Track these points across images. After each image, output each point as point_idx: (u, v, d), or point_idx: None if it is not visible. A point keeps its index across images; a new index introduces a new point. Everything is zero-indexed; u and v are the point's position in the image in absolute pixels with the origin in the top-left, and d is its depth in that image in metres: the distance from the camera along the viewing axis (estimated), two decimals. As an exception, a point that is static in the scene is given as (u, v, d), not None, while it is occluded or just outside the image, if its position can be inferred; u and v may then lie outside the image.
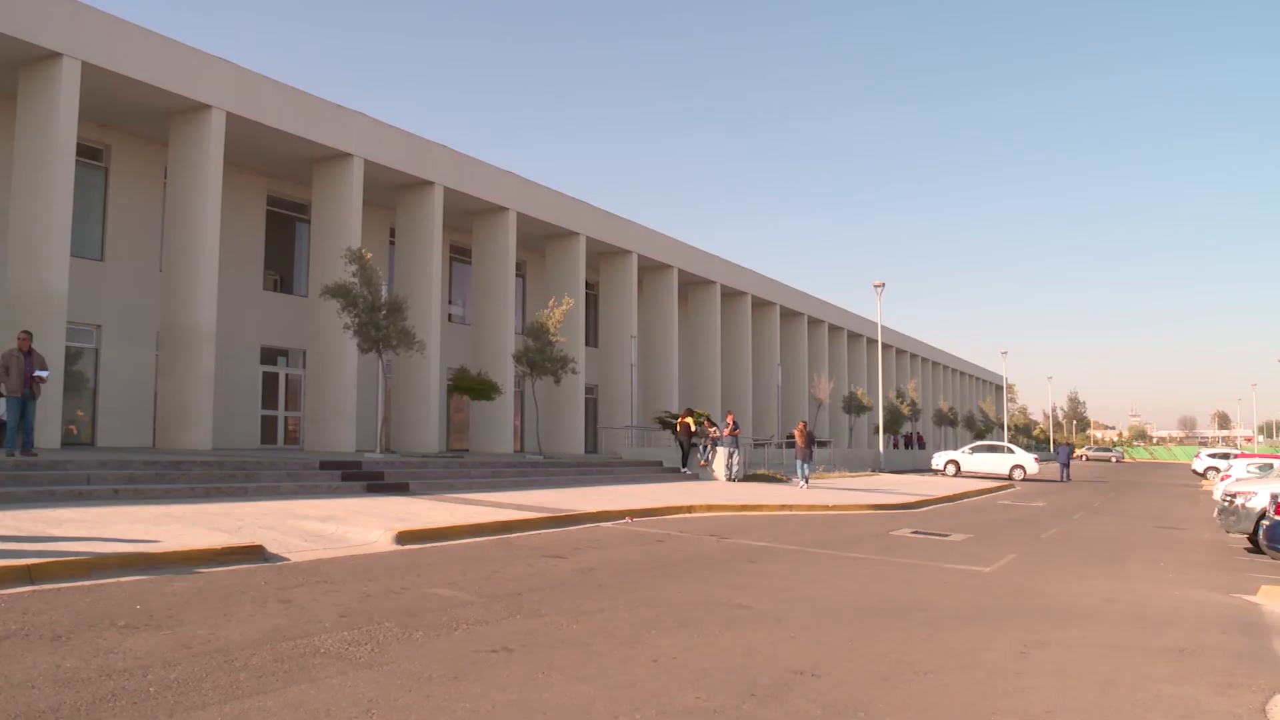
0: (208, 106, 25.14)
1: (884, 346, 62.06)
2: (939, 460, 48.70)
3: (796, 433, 32.23)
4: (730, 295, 52.32)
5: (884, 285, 52.79)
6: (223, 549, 11.18)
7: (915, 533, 18.63)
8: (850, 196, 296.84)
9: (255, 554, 11.38)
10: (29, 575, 9.22)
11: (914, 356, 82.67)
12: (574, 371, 32.61)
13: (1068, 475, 51.01)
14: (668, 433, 37.86)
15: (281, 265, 32.47)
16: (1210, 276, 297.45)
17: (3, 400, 21.11)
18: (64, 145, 22.17)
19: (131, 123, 26.38)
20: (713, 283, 49.81)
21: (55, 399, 21.45)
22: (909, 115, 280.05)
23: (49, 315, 21.66)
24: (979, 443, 54.91)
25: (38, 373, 17.93)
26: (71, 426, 24.55)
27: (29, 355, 17.99)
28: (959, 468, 47.30)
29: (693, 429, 33.07)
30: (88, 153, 25.54)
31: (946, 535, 18.33)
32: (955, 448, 60.33)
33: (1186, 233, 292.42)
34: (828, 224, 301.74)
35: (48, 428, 21.09)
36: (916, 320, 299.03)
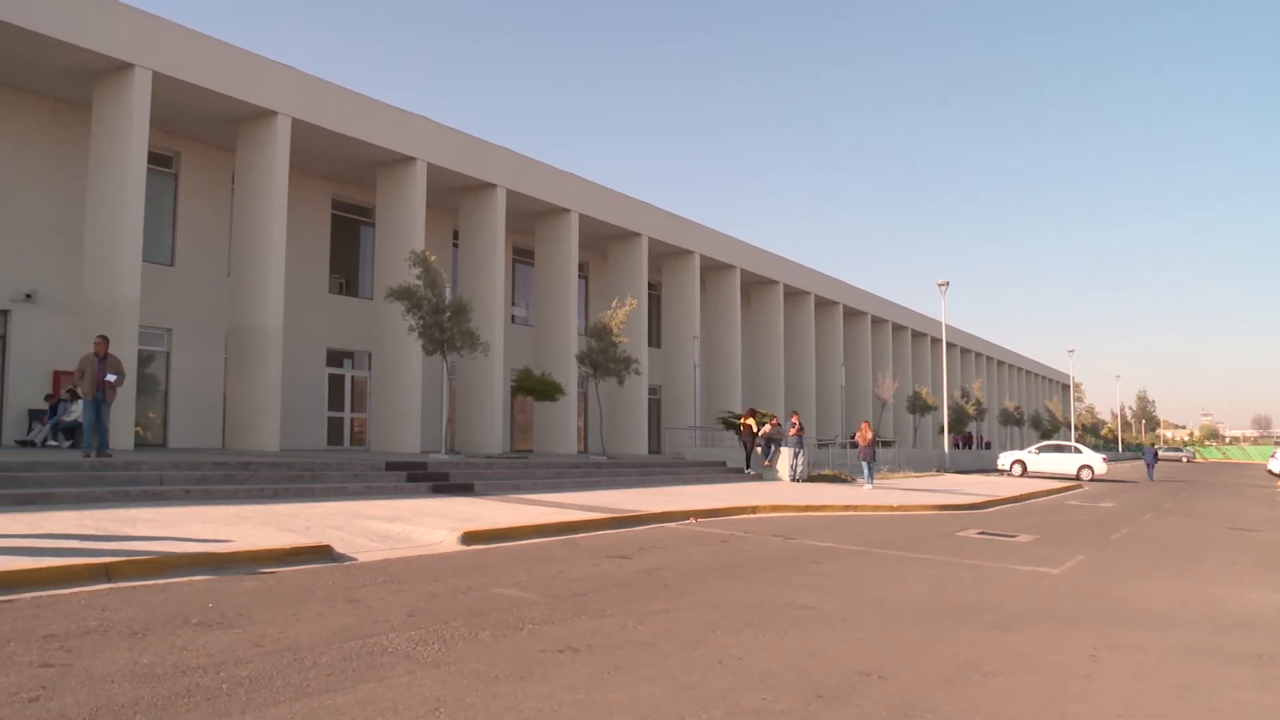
0: (273, 113, 25.49)
1: (948, 345, 61.49)
2: (1005, 460, 48.11)
3: (860, 433, 32.01)
4: (793, 295, 52.10)
5: (948, 284, 52.34)
6: (291, 549, 11.30)
7: (981, 534, 18.41)
8: (914, 195, 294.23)
9: (323, 554, 11.49)
10: (107, 573, 9.41)
11: (979, 355, 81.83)
12: (637, 372, 32.64)
13: (1153, 475, 50.35)
14: (731, 433, 37.76)
15: (346, 268, 32.83)
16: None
17: (80, 402, 21.63)
18: (136, 153, 22.60)
19: (200, 130, 26.81)
20: (775, 282, 49.63)
21: (128, 401, 21.85)
22: (974, 112, 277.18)
23: (122, 320, 22.07)
24: (1046, 442, 54.19)
25: (108, 376, 18.27)
26: (140, 428, 24.94)
27: (104, 359, 18.35)
28: (1025, 468, 46.70)
29: (756, 429, 32.94)
30: (158, 160, 25.99)
31: (1013, 536, 18.09)
32: (1021, 448, 59.64)
33: (1260, 230, 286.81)
34: (891, 223, 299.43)
35: (121, 429, 21.50)
36: (981, 319, 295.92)
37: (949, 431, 56.55)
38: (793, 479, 31.30)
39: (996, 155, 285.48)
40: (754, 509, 20.74)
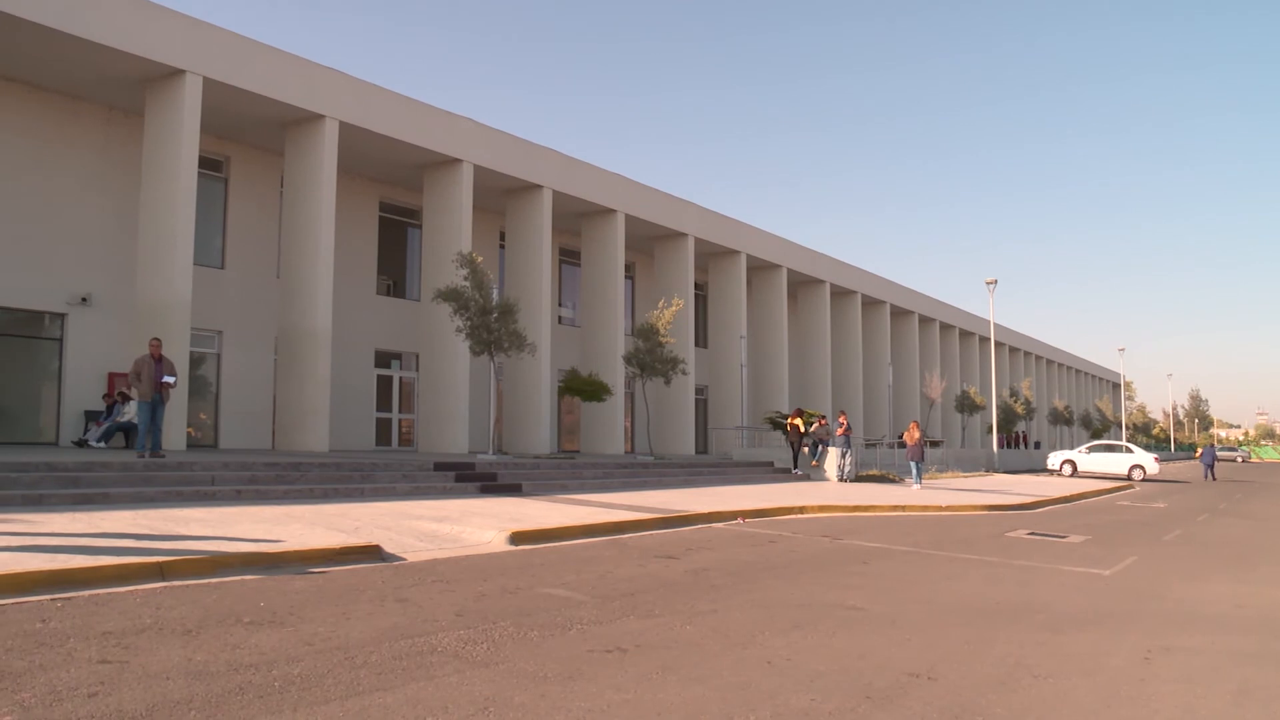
0: (321, 116, 25.73)
1: (996, 344, 61.04)
2: (1054, 460, 47.64)
3: (908, 433, 31.84)
4: (840, 294, 51.90)
5: (996, 282, 51.93)
6: (341, 549, 11.39)
7: (1031, 534, 18.24)
8: (960, 193, 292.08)
9: (373, 554, 11.58)
10: (161, 572, 9.54)
11: (1027, 354, 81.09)
12: (684, 372, 32.65)
13: (1213, 475, 49.75)
14: (778, 433, 37.66)
15: (394, 270, 33.06)
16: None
17: (133, 404, 21.93)
18: (187, 158, 22.89)
19: (249, 134, 27.11)
20: (822, 282, 49.46)
21: (180, 403, 22.13)
22: (1018, 109, 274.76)
23: (174, 322, 22.36)
24: (1096, 442, 53.63)
25: (165, 378, 18.53)
26: (191, 429, 25.22)
27: (159, 361, 18.61)
28: (1075, 468, 46.24)
29: (803, 429, 32.84)
30: (209, 164, 26.30)
31: (1064, 537, 17.92)
32: (1071, 447, 59.03)
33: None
34: (938, 221, 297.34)
35: (174, 430, 21.78)
36: (1030, 317, 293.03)
37: (998, 431, 56.08)
38: (840, 479, 31.18)
39: (1045, 152, 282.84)
40: (801, 509, 20.68)
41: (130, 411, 22.49)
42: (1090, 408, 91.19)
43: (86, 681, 5.91)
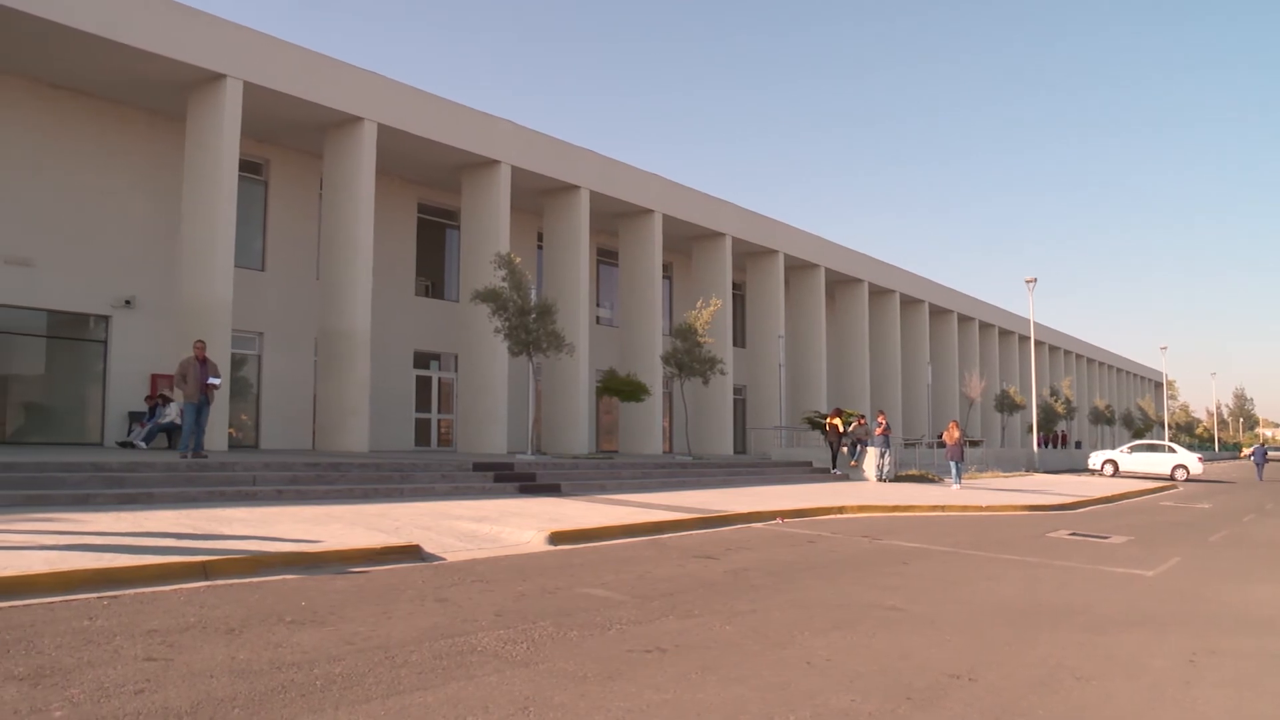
0: (360, 119, 25.89)
1: (1036, 343, 60.62)
2: (1096, 460, 47.25)
3: (948, 432, 31.68)
4: (878, 293, 51.69)
5: (1036, 281, 51.52)
6: (381, 548, 11.46)
7: (1072, 534, 18.09)
8: (999, 191, 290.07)
9: (412, 554, 11.63)
10: (204, 571, 9.64)
11: (1068, 353, 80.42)
12: (722, 372, 32.63)
13: (1262, 476, 49.23)
14: (817, 433, 37.56)
15: (432, 271, 33.21)
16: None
17: (174, 405, 22.18)
18: (228, 161, 23.12)
19: (289, 137, 27.32)
20: (860, 281, 49.28)
21: (222, 403, 22.33)
22: (1058, 107, 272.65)
23: (216, 324, 22.57)
24: (1138, 441, 53.14)
25: (211, 380, 18.73)
26: (233, 430, 25.43)
27: (204, 363, 18.81)
28: (1117, 468, 45.83)
29: (842, 429, 32.73)
30: (249, 167, 26.52)
31: (1106, 537, 17.75)
32: (1112, 447, 58.50)
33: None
34: (976, 220, 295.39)
35: (215, 431, 21.99)
36: (1070, 316, 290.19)
37: (1038, 431, 55.66)
38: (879, 479, 31.05)
39: (1086, 149, 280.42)
40: (841, 509, 20.62)
41: (172, 413, 22.75)
42: (1132, 407, 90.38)
43: (133, 679, 5.98)
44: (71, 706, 5.42)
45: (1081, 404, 77.87)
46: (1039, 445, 54.93)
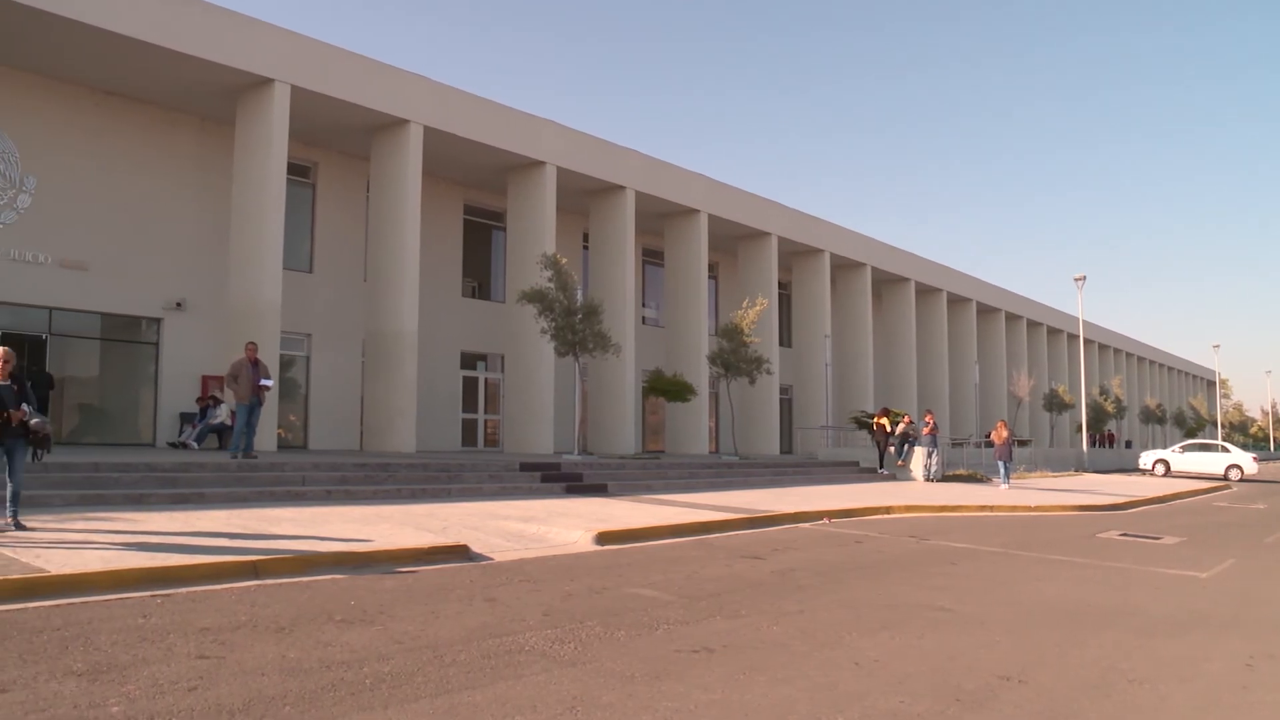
0: (406, 121, 26.05)
1: (1086, 341, 59.95)
2: (1147, 459, 46.66)
3: (996, 432, 31.44)
4: (925, 292, 51.35)
5: (1085, 278, 50.96)
6: (429, 548, 11.53)
7: (1123, 535, 17.89)
8: (1046, 189, 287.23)
9: (460, 553, 11.70)
10: (255, 570, 9.75)
11: (1118, 351, 79.51)
12: (768, 372, 32.56)
13: None
14: (863, 433, 37.38)
15: (479, 272, 33.36)
16: None
17: (224, 406, 22.44)
18: (276, 165, 23.36)
19: (336, 140, 27.54)
20: (907, 280, 49.00)
21: (271, 405, 22.53)
22: (1113, 104, 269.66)
23: (265, 326, 22.79)
24: (1190, 441, 52.43)
25: (263, 381, 18.92)
26: (281, 431, 25.65)
27: (256, 365, 19.01)
28: (1169, 467, 45.24)
29: (889, 429, 32.57)
30: (297, 170, 26.75)
31: (1158, 538, 17.54)
32: (1164, 446, 57.78)
33: None
34: (1024, 218, 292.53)
35: (265, 432, 22.20)
36: (1120, 314, 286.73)
37: (1087, 430, 55.05)
38: (927, 479, 30.86)
39: (1131, 148, 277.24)
40: (888, 509, 20.52)
41: (223, 414, 23.03)
42: (1183, 406, 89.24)
43: (186, 676, 6.07)
44: (128, 702, 5.50)
45: (1132, 403, 76.94)
46: (1089, 445, 54.37)
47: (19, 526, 11.05)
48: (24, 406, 11.00)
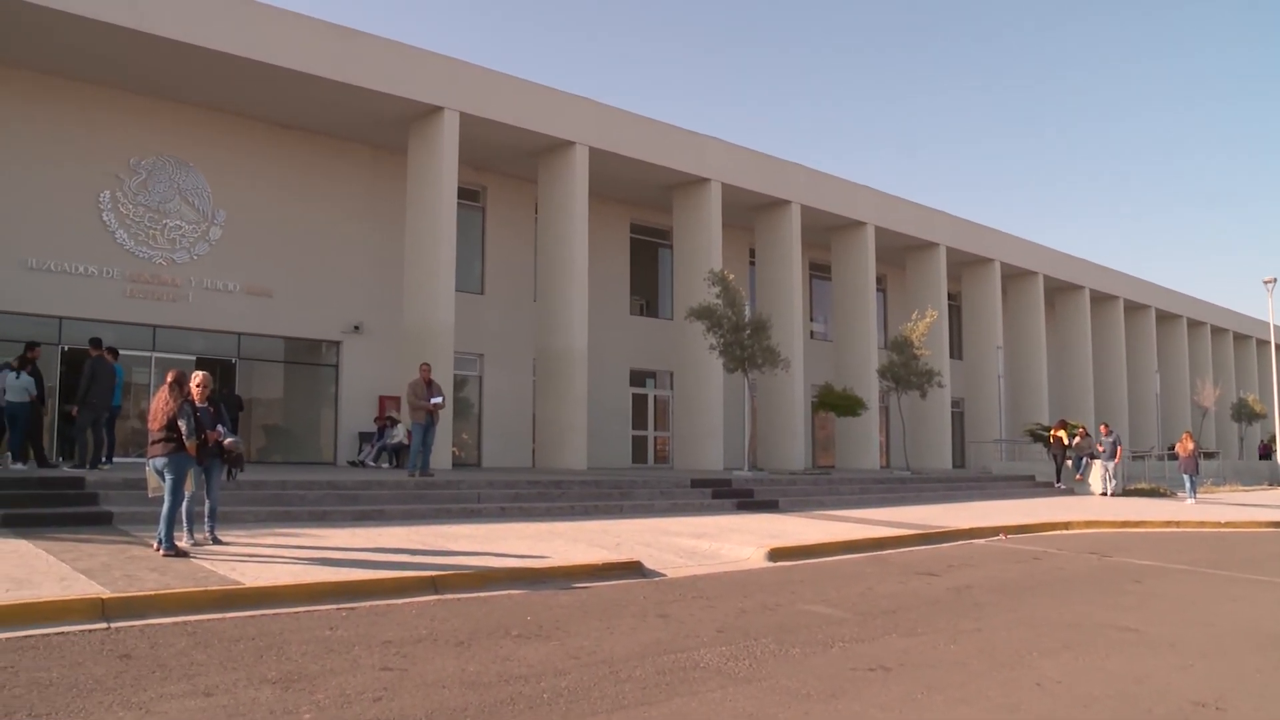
0: (572, 143, 26.45)
1: (1277, 347, 57.08)
2: (1351, 471, 44.18)
3: (1180, 444, 30.20)
4: (1100, 300, 49.62)
5: (1275, 281, 48.56)
6: (603, 565, 11.64)
7: (1329, 551, 16.96)
8: (1227, 189, 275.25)
9: (633, 570, 11.77)
10: (434, 585, 10.00)
11: (1315, 357, 75.38)
12: (940, 385, 31.97)
13: None
14: (1038, 446, 36.33)
15: (646, 290, 33.59)
16: None
17: (400, 426, 23.05)
18: (447, 190, 23.98)
19: (503, 164, 28.12)
20: (1081, 287, 47.46)
21: (445, 423, 23.06)
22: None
23: (439, 346, 23.38)
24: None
25: (435, 400, 19.40)
26: (455, 449, 26.22)
27: (429, 384, 19.51)
28: (1377, 480, 42.72)
29: (1066, 442, 31.58)
30: (467, 195, 27.38)
31: (1368, 554, 16.56)
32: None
33: None
34: (1203, 220, 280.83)
35: (440, 451, 22.70)
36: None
37: (1281, 441, 52.34)
38: (1106, 493, 29.81)
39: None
40: (1066, 525, 19.91)
41: (399, 433, 23.68)
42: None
43: (371, 687, 6.25)
44: (318, 710, 5.70)
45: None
46: (1260, 456, 51.75)
47: (216, 541, 11.63)
48: (219, 428, 11.57)
